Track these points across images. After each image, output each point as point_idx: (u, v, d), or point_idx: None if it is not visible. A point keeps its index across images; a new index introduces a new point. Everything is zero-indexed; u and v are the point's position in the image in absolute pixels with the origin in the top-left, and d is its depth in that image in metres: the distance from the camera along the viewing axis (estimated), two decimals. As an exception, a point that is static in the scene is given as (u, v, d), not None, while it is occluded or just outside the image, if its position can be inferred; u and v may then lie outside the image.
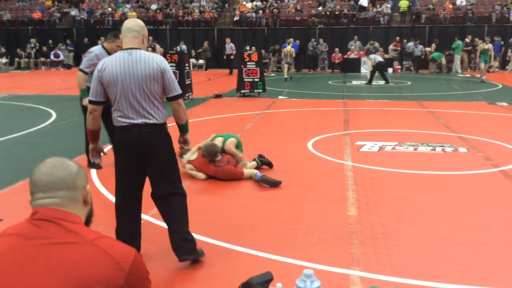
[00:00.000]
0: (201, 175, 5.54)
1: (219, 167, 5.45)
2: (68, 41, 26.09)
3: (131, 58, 3.16)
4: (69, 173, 1.50)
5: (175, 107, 3.32)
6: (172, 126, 3.45)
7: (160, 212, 3.47)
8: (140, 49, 3.23)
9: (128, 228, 3.41)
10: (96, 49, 5.61)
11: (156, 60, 3.19)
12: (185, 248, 3.32)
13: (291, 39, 20.78)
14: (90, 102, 3.28)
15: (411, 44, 23.03)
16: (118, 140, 3.31)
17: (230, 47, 22.17)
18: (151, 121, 3.21)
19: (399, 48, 23.27)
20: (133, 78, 3.14)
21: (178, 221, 3.36)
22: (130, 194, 3.38)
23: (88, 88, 5.58)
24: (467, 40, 22.31)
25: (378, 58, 17.94)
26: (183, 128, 3.50)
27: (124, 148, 3.28)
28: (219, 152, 5.53)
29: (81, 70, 5.57)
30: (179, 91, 3.31)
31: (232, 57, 21.94)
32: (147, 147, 3.23)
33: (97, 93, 3.24)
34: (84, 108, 5.82)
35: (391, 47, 23.49)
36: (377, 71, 17.54)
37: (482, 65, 17.64)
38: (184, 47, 23.65)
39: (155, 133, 3.24)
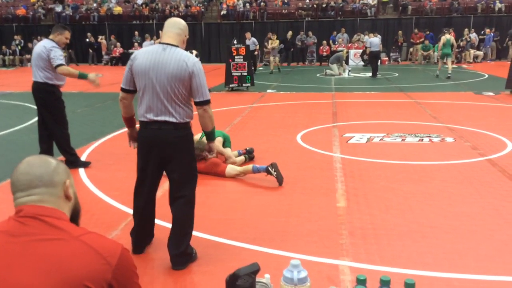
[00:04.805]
0: None
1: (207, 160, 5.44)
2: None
3: (163, 54, 3.08)
4: (46, 170, 1.49)
5: (200, 112, 3.22)
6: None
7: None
8: (177, 46, 3.15)
9: (145, 229, 3.49)
10: (53, 44, 5.49)
11: (187, 62, 3.08)
12: (181, 259, 3.29)
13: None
14: (121, 89, 3.28)
15: (367, 38, 20.77)
16: (139, 136, 3.28)
17: (252, 42, 18.54)
18: (171, 120, 3.13)
19: (423, 39, 22.84)
20: (159, 74, 3.06)
21: (180, 231, 3.28)
22: (145, 193, 3.35)
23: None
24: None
25: (376, 47, 16.99)
26: (208, 136, 3.39)
27: (143, 145, 3.24)
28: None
29: (62, 64, 5.43)
30: (206, 97, 3.18)
31: (256, 53, 19.11)
32: (164, 145, 3.16)
33: (126, 81, 3.23)
34: (58, 99, 5.69)
35: (356, 37, 23.07)
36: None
37: (450, 60, 15.58)
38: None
39: (174, 131, 3.15)
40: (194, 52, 19.51)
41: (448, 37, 15.36)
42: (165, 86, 3.07)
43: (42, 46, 5.48)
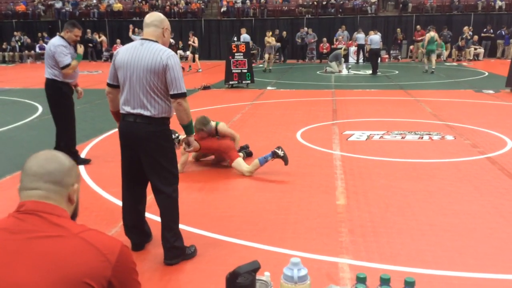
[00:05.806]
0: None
1: (222, 139, 5.59)
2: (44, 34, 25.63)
3: (141, 49, 3.17)
4: (59, 168, 1.49)
5: (174, 106, 3.23)
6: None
7: None
8: (156, 41, 3.21)
9: (129, 220, 3.51)
10: (61, 42, 5.47)
11: (162, 55, 3.13)
12: (169, 253, 3.33)
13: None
14: (107, 84, 3.40)
15: (361, 35, 21.25)
16: (119, 127, 3.36)
17: (243, 38, 17.87)
18: (146, 113, 3.18)
19: (424, 37, 22.58)
20: (136, 68, 3.15)
21: (164, 225, 3.33)
22: (129, 185, 3.43)
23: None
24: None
25: (376, 45, 16.91)
26: (184, 130, 3.40)
27: (121, 136, 3.33)
28: (210, 124, 5.55)
29: (66, 66, 5.40)
30: (181, 90, 3.19)
31: (254, 51, 18.70)
32: (138, 138, 3.21)
33: (111, 76, 3.35)
34: (66, 96, 5.70)
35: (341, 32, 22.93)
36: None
37: (434, 56, 16.21)
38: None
39: (148, 126, 3.19)
40: (196, 40, 19.38)
41: (432, 34, 16.02)
42: (141, 79, 3.15)
43: (52, 44, 5.53)
